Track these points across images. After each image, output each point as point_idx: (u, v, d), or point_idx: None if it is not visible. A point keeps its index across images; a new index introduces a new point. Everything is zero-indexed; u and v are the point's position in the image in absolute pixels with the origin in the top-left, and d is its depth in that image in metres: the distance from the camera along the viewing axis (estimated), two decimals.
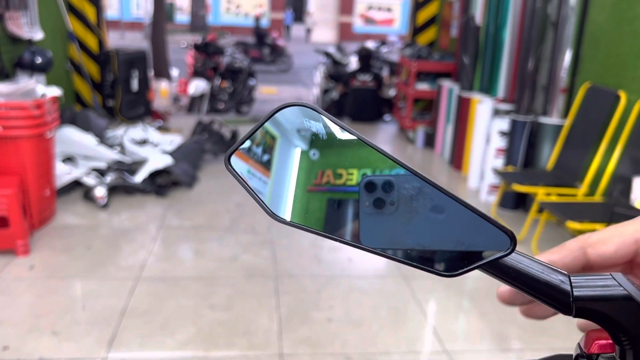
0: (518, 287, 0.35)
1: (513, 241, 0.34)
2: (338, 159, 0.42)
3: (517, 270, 0.35)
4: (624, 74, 3.39)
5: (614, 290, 0.34)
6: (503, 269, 0.35)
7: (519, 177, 3.76)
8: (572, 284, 0.35)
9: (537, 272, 0.35)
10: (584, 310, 0.34)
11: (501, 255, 0.34)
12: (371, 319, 2.68)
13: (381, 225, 0.38)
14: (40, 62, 4.49)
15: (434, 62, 6.14)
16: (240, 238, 3.55)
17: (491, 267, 0.35)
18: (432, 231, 0.37)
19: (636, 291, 0.34)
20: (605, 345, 0.36)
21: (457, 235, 0.35)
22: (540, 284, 0.35)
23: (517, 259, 0.35)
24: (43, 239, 3.38)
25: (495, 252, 0.34)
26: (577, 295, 0.34)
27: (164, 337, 2.46)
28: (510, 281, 0.35)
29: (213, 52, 8.29)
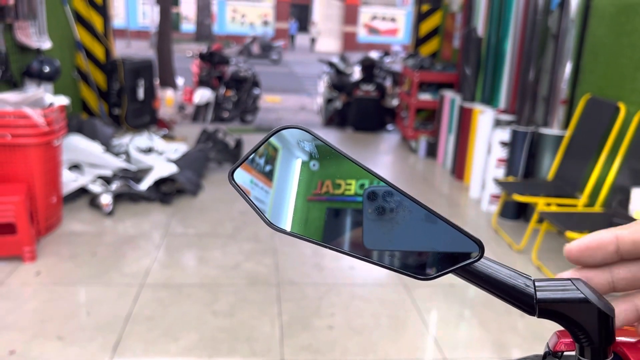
0: (487, 290, 0.39)
1: (482, 249, 0.38)
2: (337, 170, 0.45)
3: (487, 274, 0.39)
4: (623, 85, 3.43)
5: (572, 294, 0.38)
6: (474, 273, 0.39)
7: (519, 187, 3.80)
8: (536, 287, 0.38)
9: (504, 277, 0.39)
10: (546, 311, 0.38)
11: (471, 261, 0.38)
12: (372, 326, 2.71)
13: (382, 230, 0.41)
14: (48, 71, 4.56)
15: (437, 73, 6.20)
16: (243, 246, 3.59)
17: (463, 272, 0.39)
18: (419, 237, 0.40)
19: (592, 295, 0.38)
20: (569, 343, 0.40)
21: (433, 243, 0.39)
22: (507, 287, 0.38)
23: (486, 265, 0.39)
24: (49, 245, 3.42)
25: (466, 259, 0.38)
26: (539, 297, 0.38)
27: (168, 343, 2.49)
28: (480, 284, 0.39)
29: (218, 61, 8.37)
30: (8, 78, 4.16)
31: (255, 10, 28.56)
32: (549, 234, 3.89)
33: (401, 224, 0.40)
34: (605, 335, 0.37)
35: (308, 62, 20.16)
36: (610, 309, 0.37)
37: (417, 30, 7.05)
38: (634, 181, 3.04)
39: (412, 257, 0.40)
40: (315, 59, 13.85)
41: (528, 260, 3.52)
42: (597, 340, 0.37)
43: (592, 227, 3.00)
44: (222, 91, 8.28)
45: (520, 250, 3.66)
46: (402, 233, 0.40)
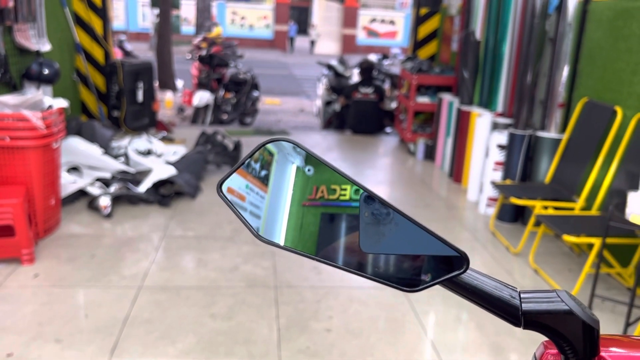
0: (473, 301, 0.40)
1: (467, 261, 0.39)
2: (332, 175, 0.45)
3: (473, 286, 0.39)
4: (620, 89, 3.44)
5: (557, 306, 0.38)
6: (460, 285, 0.40)
7: (516, 190, 3.81)
8: (521, 299, 0.39)
9: (490, 288, 0.39)
10: (531, 322, 0.39)
11: (457, 274, 0.38)
12: (369, 329, 2.71)
13: (378, 233, 0.41)
14: (48, 73, 4.56)
15: (435, 76, 6.21)
16: (241, 248, 3.60)
17: (449, 283, 0.40)
18: (410, 244, 0.41)
19: (577, 307, 0.38)
20: (555, 354, 0.41)
21: (422, 252, 0.40)
22: (493, 299, 0.39)
23: (472, 276, 0.40)
24: (48, 248, 3.43)
25: (452, 271, 0.39)
26: (525, 309, 0.38)
27: (166, 346, 2.50)
28: (467, 295, 0.40)
29: (217, 64, 8.38)
30: (7, 80, 4.17)
31: (254, 13, 28.57)
32: (546, 237, 3.90)
33: (395, 229, 0.41)
34: (590, 347, 0.38)
35: (307, 65, 20.17)
36: (595, 321, 0.38)
37: (416, 33, 7.06)
38: (631, 185, 3.05)
39: (402, 267, 0.41)
40: (314, 61, 13.84)
41: (525, 263, 3.53)
42: (581, 352, 0.38)
43: (589, 231, 3.01)
44: (221, 93, 8.29)
45: (517, 253, 3.67)
46: (396, 238, 0.40)
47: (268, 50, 27.18)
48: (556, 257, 3.68)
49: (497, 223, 4.24)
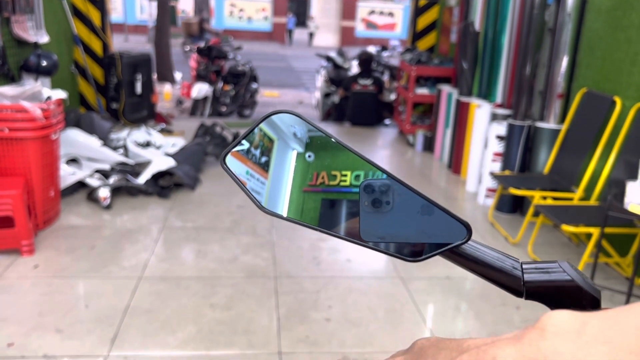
0: (475, 272, 0.40)
1: (469, 231, 0.39)
2: (332, 161, 0.45)
3: (474, 257, 0.40)
4: (619, 80, 3.44)
5: (559, 276, 0.38)
6: (462, 255, 0.40)
7: (515, 180, 3.81)
8: (523, 270, 0.39)
9: (492, 259, 0.40)
10: (533, 293, 0.39)
11: (459, 244, 0.39)
12: (369, 319, 2.73)
13: (377, 222, 0.41)
14: (46, 65, 4.55)
15: (434, 67, 6.20)
16: (241, 239, 3.60)
17: (452, 254, 0.40)
18: (411, 224, 0.41)
19: (579, 277, 0.39)
20: None
21: (424, 227, 0.40)
22: (495, 269, 0.39)
23: (474, 247, 0.40)
24: (47, 239, 3.43)
25: (454, 241, 0.39)
26: (527, 279, 0.39)
27: (166, 336, 2.51)
28: (469, 267, 0.40)
29: (216, 55, 8.36)
30: (5, 72, 4.16)
31: (253, 5, 28.46)
32: (545, 227, 3.91)
33: (395, 214, 0.41)
34: None
35: (306, 57, 20.12)
36: (597, 290, 0.38)
37: (415, 24, 7.04)
38: (629, 175, 3.06)
39: (405, 244, 0.41)
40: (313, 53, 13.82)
41: (524, 254, 3.54)
42: None
43: (588, 221, 3.02)
44: (220, 85, 8.28)
45: (516, 244, 3.68)
46: (396, 223, 0.41)
47: (266, 42, 27.10)
48: (555, 247, 3.69)
49: (495, 214, 4.25)
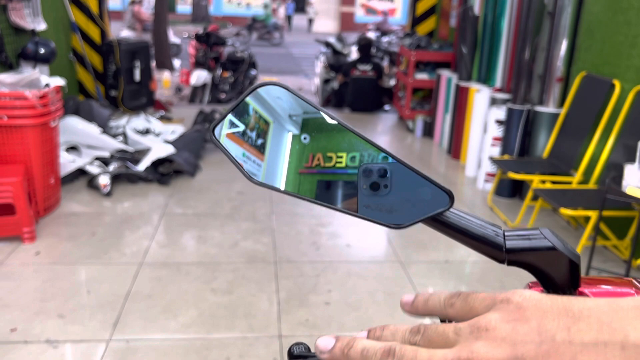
0: (459, 239, 0.41)
1: (452, 199, 0.40)
2: (328, 143, 0.46)
3: (457, 225, 0.41)
4: (619, 63, 3.43)
5: (540, 242, 0.39)
6: (445, 223, 0.41)
7: (514, 165, 3.82)
8: (505, 237, 0.40)
9: (474, 227, 0.41)
10: (515, 259, 0.40)
11: (441, 210, 0.40)
12: (368, 302, 2.75)
13: (374, 201, 0.42)
14: (44, 52, 4.54)
15: (433, 52, 6.17)
16: (241, 225, 3.62)
17: (435, 222, 0.41)
18: (402, 196, 0.42)
19: (559, 243, 0.40)
20: (539, 292, 0.42)
21: (410, 196, 0.41)
22: (478, 236, 0.40)
23: (458, 215, 0.41)
24: (48, 226, 3.45)
25: (437, 208, 0.40)
26: (509, 246, 0.40)
27: (167, 320, 2.53)
28: (452, 234, 0.41)
29: (214, 42, 8.33)
30: (3, 60, 4.15)
31: None
32: (544, 211, 3.93)
33: (390, 192, 0.42)
34: (572, 281, 0.39)
35: (305, 43, 20.02)
36: (577, 256, 0.39)
37: (414, 9, 7.00)
38: (628, 158, 3.06)
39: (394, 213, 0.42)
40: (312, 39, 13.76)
41: None
42: (563, 286, 0.40)
43: (586, 204, 3.03)
44: (218, 72, 8.25)
45: (514, 228, 3.69)
46: (390, 199, 0.42)
47: None
48: (554, 230, 3.71)
49: (495, 198, 4.26)
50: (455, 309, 0.36)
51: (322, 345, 0.37)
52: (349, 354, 0.35)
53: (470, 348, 0.31)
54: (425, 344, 0.34)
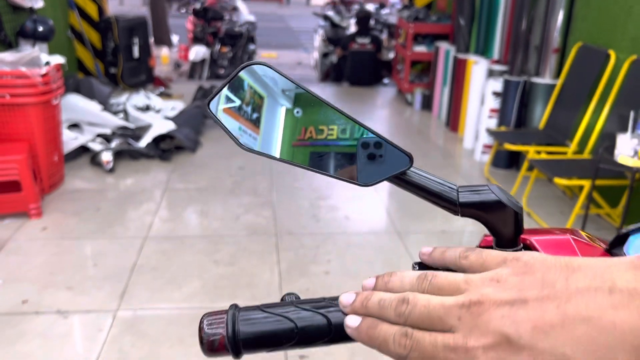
0: (419, 195, 0.47)
1: (411, 160, 0.45)
2: (319, 116, 0.51)
3: (417, 182, 0.46)
4: (614, 32, 3.45)
5: (487, 196, 0.45)
6: (407, 181, 0.46)
7: (511, 136, 3.87)
8: (459, 192, 0.46)
9: (432, 184, 0.46)
10: (467, 212, 0.46)
11: (403, 170, 0.45)
12: (366, 271, 2.83)
13: (370, 169, 0.47)
14: (42, 30, 4.54)
15: (431, 24, 6.16)
16: (242, 199, 3.69)
17: (399, 180, 0.46)
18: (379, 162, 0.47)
19: (504, 196, 0.45)
20: (490, 240, 0.48)
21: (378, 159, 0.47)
22: (435, 192, 0.46)
23: (418, 174, 0.47)
24: (53, 202, 3.53)
25: (399, 169, 0.46)
26: (461, 200, 0.45)
27: (172, 291, 2.62)
28: (414, 191, 0.47)
29: (212, 17, 8.28)
30: (2, 38, 4.16)
31: None
32: (540, 182, 3.98)
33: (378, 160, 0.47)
34: (515, 229, 0.45)
35: (304, 16, 19.82)
36: (519, 207, 0.45)
37: None
38: (621, 127, 3.11)
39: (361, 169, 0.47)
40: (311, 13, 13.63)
41: None
42: (509, 234, 0.46)
43: (580, 174, 3.09)
44: (217, 47, 8.23)
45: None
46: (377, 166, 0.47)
47: (263, 2, 26.61)
48: (549, 200, 3.78)
49: (492, 169, 4.31)
50: (469, 261, 0.40)
51: (345, 300, 0.42)
52: (367, 305, 0.40)
53: (480, 292, 0.35)
54: (434, 291, 0.38)
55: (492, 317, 0.34)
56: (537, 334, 0.32)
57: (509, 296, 0.34)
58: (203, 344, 0.45)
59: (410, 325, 0.37)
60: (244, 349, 0.45)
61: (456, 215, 0.46)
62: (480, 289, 0.35)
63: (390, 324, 0.38)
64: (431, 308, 0.36)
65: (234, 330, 0.45)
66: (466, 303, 0.35)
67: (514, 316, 0.33)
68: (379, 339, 0.38)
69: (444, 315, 0.36)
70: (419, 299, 0.37)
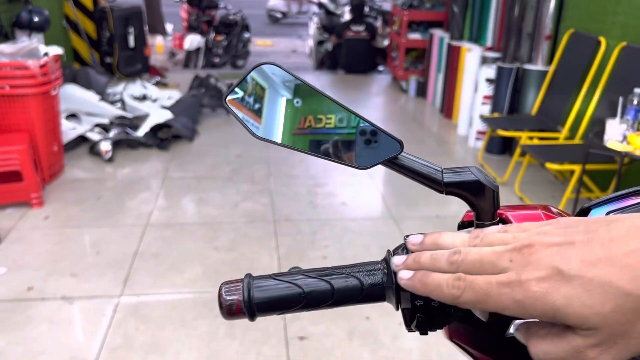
0: (408, 176, 0.53)
1: (402, 146, 0.52)
2: (318, 106, 0.56)
3: (407, 166, 0.52)
4: (605, 19, 3.50)
5: (467, 176, 0.51)
6: (399, 165, 0.53)
7: (504, 122, 3.93)
8: (443, 174, 0.52)
9: (420, 167, 0.53)
10: (450, 191, 0.52)
11: (395, 155, 0.51)
12: (363, 256, 2.91)
13: (368, 155, 0.53)
14: (38, 20, 4.56)
15: (426, 12, 6.19)
16: (240, 187, 3.75)
17: (391, 163, 0.53)
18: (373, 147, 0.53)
19: (482, 177, 0.51)
20: (471, 215, 0.55)
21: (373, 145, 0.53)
22: (422, 174, 0.52)
23: (408, 159, 0.53)
24: (54, 192, 3.58)
25: (391, 154, 0.52)
26: (445, 180, 0.52)
27: (174, 276, 2.69)
28: (404, 172, 0.53)
29: (207, 5, 8.28)
30: None
31: None
32: (533, 167, 4.06)
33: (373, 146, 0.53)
34: (492, 204, 0.52)
35: None
36: (495, 186, 0.51)
37: None
38: (611, 113, 3.18)
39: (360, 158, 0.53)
40: None
41: (511, 192, 3.70)
42: (486, 208, 0.52)
43: (571, 158, 3.16)
44: (212, 36, 8.23)
45: (504, 183, 3.83)
46: (372, 151, 0.53)
47: None
48: (541, 185, 3.86)
49: (485, 155, 4.38)
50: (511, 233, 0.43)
51: (398, 261, 0.47)
52: (419, 261, 0.44)
53: (530, 239, 0.39)
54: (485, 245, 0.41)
55: (543, 255, 0.37)
56: (585, 266, 0.36)
57: (557, 240, 0.38)
58: (222, 308, 0.51)
59: (463, 271, 0.40)
60: (258, 312, 0.51)
61: (441, 194, 0.53)
62: (530, 238, 0.39)
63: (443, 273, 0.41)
64: (483, 254, 0.40)
65: (249, 296, 0.51)
66: (517, 247, 0.39)
67: (563, 253, 0.37)
68: (432, 284, 0.41)
69: (496, 259, 0.39)
70: (470, 249, 0.41)
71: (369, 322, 2.37)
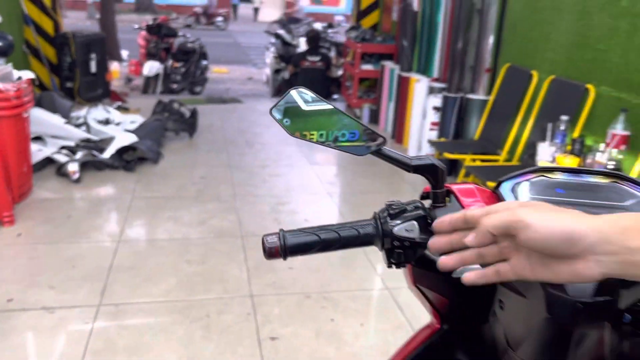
0: (389, 162, 0.80)
1: (384, 140, 0.78)
2: (304, 124, 0.82)
3: (387, 154, 0.79)
4: (536, 55, 3.96)
5: (426, 160, 0.78)
6: (383, 154, 0.79)
7: (450, 146, 4.32)
8: (412, 160, 0.79)
9: (397, 156, 0.79)
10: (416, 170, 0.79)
11: (378, 146, 0.78)
12: (326, 266, 3.16)
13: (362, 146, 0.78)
14: (2, 45, 4.66)
15: (377, 45, 6.62)
16: (207, 206, 3.95)
17: (377, 153, 0.79)
18: None
19: (437, 162, 0.79)
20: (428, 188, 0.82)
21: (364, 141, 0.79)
22: (399, 160, 0.79)
23: (390, 150, 0.79)
24: (24, 211, 3.67)
25: (378, 145, 0.78)
26: (414, 164, 0.79)
27: (150, 287, 2.86)
28: (387, 159, 0.80)
29: (166, 33, 8.48)
30: None
31: None
32: None
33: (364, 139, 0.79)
34: (442, 179, 0.79)
35: (252, 32, 20.15)
36: (444, 166, 0.79)
37: (359, 3, 7.42)
38: (542, 137, 3.59)
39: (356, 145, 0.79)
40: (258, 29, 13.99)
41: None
42: (439, 183, 0.79)
43: None
44: (170, 63, 8.42)
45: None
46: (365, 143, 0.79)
47: None
48: None
49: None
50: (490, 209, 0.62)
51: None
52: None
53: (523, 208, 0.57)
54: None
55: None
56: None
57: None
58: (265, 251, 0.76)
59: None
60: (290, 253, 0.77)
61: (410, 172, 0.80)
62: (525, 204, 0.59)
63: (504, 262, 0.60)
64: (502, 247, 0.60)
65: (284, 242, 0.76)
66: None
67: None
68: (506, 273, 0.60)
69: None
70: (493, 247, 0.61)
71: (333, 324, 2.62)
